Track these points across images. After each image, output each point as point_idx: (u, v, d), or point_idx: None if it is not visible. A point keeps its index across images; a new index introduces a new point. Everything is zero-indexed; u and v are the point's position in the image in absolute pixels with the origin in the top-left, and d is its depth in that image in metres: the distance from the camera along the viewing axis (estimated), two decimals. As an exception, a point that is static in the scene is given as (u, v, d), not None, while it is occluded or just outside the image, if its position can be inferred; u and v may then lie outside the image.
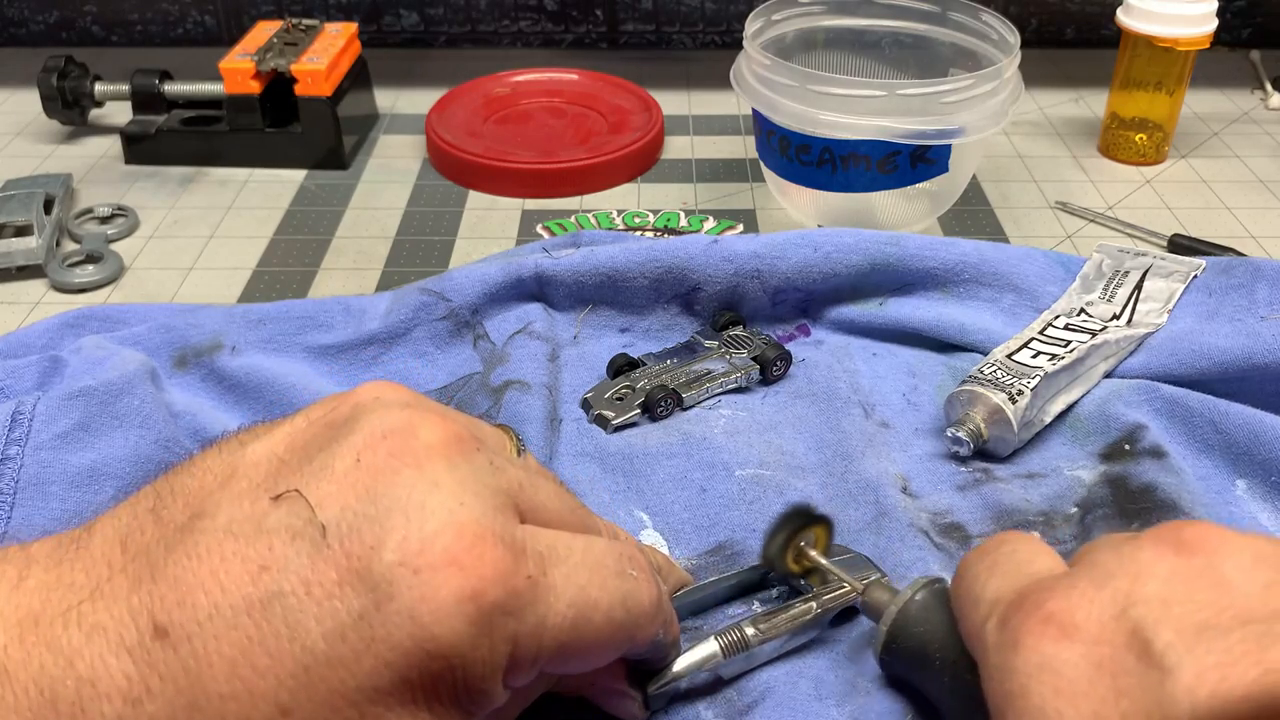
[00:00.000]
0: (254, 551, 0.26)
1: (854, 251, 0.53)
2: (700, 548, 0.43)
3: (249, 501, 0.27)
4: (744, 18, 0.66)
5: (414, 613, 0.25)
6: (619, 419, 0.49)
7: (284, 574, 0.26)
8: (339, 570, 0.26)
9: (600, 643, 0.30)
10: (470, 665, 0.26)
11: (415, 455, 0.28)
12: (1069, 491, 0.45)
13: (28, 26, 0.92)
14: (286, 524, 0.26)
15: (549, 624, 0.28)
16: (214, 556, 0.26)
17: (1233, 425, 0.46)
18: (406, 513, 0.26)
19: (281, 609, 0.25)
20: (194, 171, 0.72)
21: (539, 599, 0.28)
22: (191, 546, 0.26)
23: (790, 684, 0.37)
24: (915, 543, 0.42)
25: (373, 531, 0.26)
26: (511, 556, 0.27)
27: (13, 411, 0.42)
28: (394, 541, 0.26)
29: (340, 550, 0.26)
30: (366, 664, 0.25)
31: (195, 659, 0.25)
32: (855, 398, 0.50)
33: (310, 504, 0.27)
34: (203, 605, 0.25)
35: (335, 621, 0.25)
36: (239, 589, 0.25)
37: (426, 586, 0.26)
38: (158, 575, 0.26)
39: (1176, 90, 0.71)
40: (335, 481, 0.27)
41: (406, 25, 0.92)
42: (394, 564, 0.26)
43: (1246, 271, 0.52)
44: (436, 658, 0.26)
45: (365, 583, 0.25)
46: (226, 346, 0.50)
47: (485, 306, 0.53)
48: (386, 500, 0.27)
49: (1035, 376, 0.47)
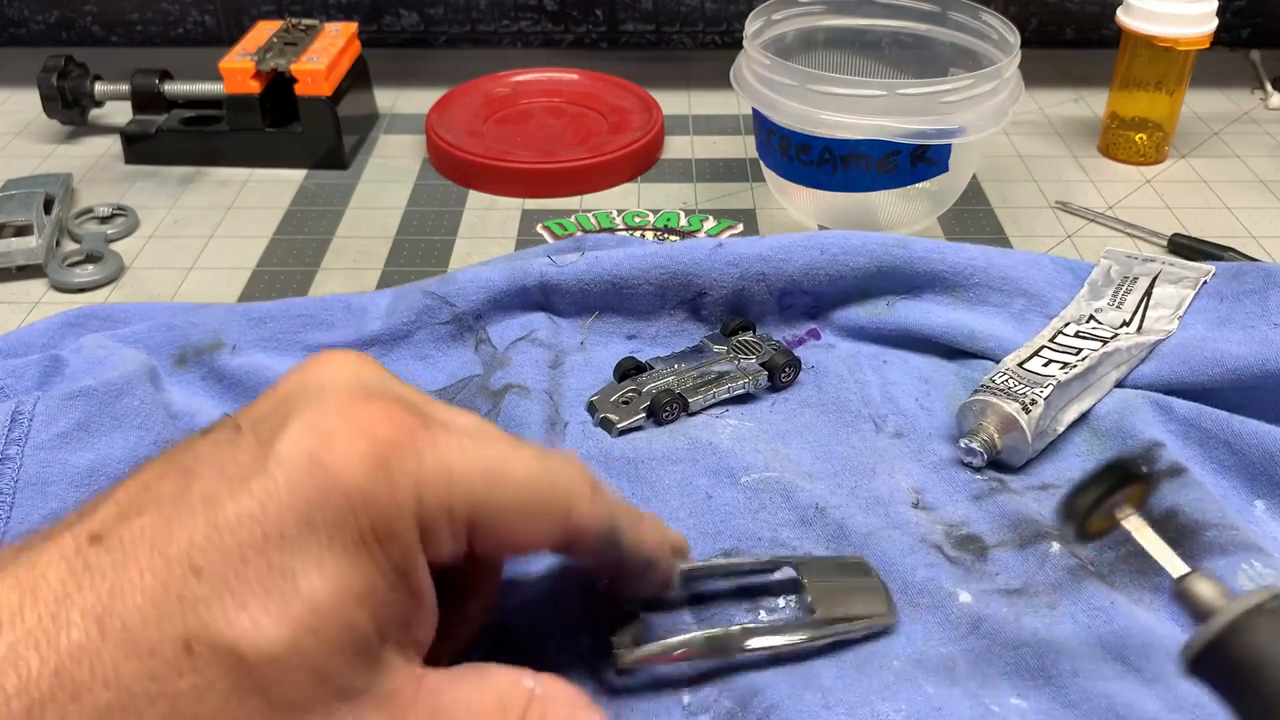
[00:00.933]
0: (179, 463, 0.29)
1: (860, 254, 0.53)
2: (705, 554, 0.42)
3: (187, 441, 0.30)
4: (744, 18, 0.66)
5: (312, 455, 0.27)
6: (624, 423, 0.48)
7: (203, 467, 0.28)
8: (249, 451, 0.28)
9: (525, 505, 0.30)
10: (373, 499, 0.27)
11: (321, 365, 0.31)
12: None
13: (28, 26, 0.92)
14: (211, 439, 0.29)
15: (456, 470, 0.29)
16: (147, 475, 0.29)
17: (1247, 446, 0.45)
18: (307, 398, 0.29)
19: (199, 490, 0.28)
20: (194, 171, 0.72)
21: (440, 444, 0.29)
22: (128, 480, 0.29)
23: (795, 695, 0.36)
24: (927, 559, 0.42)
25: (280, 415, 0.29)
26: (404, 409, 0.29)
27: (13, 411, 0.42)
28: (295, 417, 0.28)
29: (252, 436, 0.29)
30: (272, 512, 0.27)
31: (123, 550, 0.27)
32: (866, 410, 0.49)
33: (235, 421, 0.30)
34: (133, 511, 0.28)
35: (244, 485, 0.27)
36: (167, 493, 0.28)
37: (322, 434, 0.28)
38: (99, 504, 0.28)
39: (1176, 90, 0.71)
40: (255, 405, 0.31)
41: (406, 25, 0.92)
42: (295, 428, 0.28)
43: (1258, 277, 0.52)
44: (335, 491, 0.27)
45: (270, 449, 0.28)
46: (227, 345, 0.50)
47: (489, 312, 0.53)
48: (293, 395, 0.30)
49: (1048, 385, 0.46)
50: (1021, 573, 0.41)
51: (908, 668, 0.38)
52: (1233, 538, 0.40)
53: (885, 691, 0.36)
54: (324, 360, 0.31)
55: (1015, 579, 0.41)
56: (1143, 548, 0.34)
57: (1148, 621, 0.39)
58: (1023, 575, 0.41)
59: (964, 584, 0.41)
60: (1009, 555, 0.42)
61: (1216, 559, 0.40)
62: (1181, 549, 0.41)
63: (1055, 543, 0.42)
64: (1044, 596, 0.40)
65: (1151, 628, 0.39)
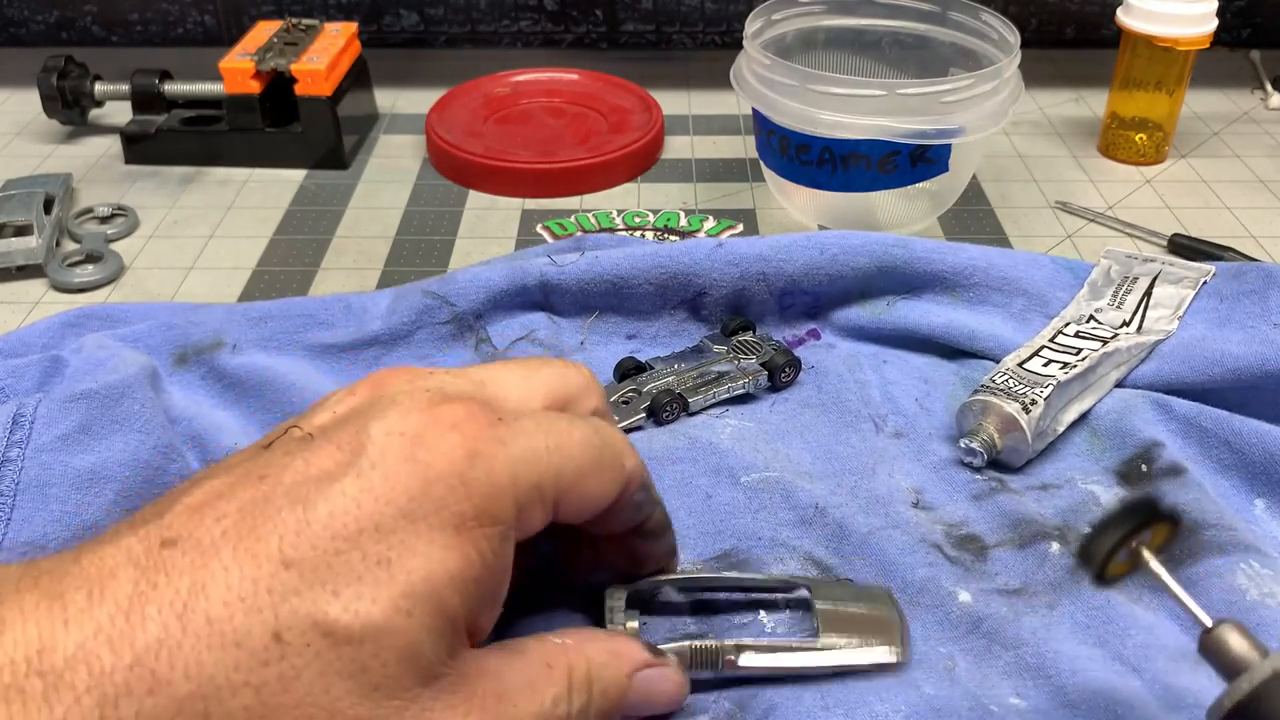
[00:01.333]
0: (251, 470, 0.29)
1: (860, 254, 0.53)
2: (705, 554, 0.42)
3: (245, 454, 0.31)
4: (744, 18, 0.66)
5: (407, 455, 0.29)
6: (624, 423, 0.48)
7: (280, 473, 0.29)
8: (331, 456, 0.29)
9: (593, 466, 0.32)
10: (474, 483, 0.29)
11: (381, 384, 0.32)
12: (1083, 507, 0.44)
13: (28, 26, 0.92)
14: (281, 448, 0.30)
15: (537, 449, 0.31)
16: (215, 485, 0.29)
17: (1248, 445, 0.45)
18: (381, 409, 0.30)
19: (282, 492, 0.28)
20: (194, 171, 0.72)
21: (516, 431, 0.31)
22: (192, 491, 0.29)
23: (794, 696, 0.36)
24: (927, 559, 0.42)
25: (357, 424, 0.30)
26: (479, 406, 0.31)
27: (14, 414, 0.42)
28: (376, 423, 0.30)
29: (329, 443, 0.30)
30: (367, 506, 0.28)
31: (200, 550, 0.27)
32: (866, 410, 0.49)
33: (301, 430, 0.31)
34: (208, 516, 0.28)
35: (333, 483, 0.28)
36: (246, 497, 0.28)
37: (413, 435, 0.29)
38: (165, 513, 0.29)
39: (1176, 90, 0.71)
40: (320, 416, 0.32)
41: (406, 25, 0.92)
42: (381, 434, 0.29)
43: (1259, 277, 0.52)
44: (436, 481, 0.28)
45: (359, 452, 0.29)
46: (227, 344, 0.50)
47: (489, 312, 0.53)
48: (363, 409, 0.31)
49: (1048, 385, 0.46)
50: (1021, 572, 0.41)
51: (906, 667, 0.38)
52: (1231, 538, 0.40)
53: (884, 692, 0.36)
54: (385, 376, 0.33)
55: (1015, 579, 0.41)
56: (1179, 596, 0.32)
57: (1147, 621, 0.39)
58: (1022, 575, 0.41)
59: (963, 583, 0.41)
60: (1008, 555, 0.42)
61: (1215, 558, 0.40)
62: (1179, 549, 0.41)
63: (1055, 543, 0.42)
64: (1043, 596, 0.40)
65: (1151, 628, 0.39)
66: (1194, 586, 0.39)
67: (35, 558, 0.30)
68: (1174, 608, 0.39)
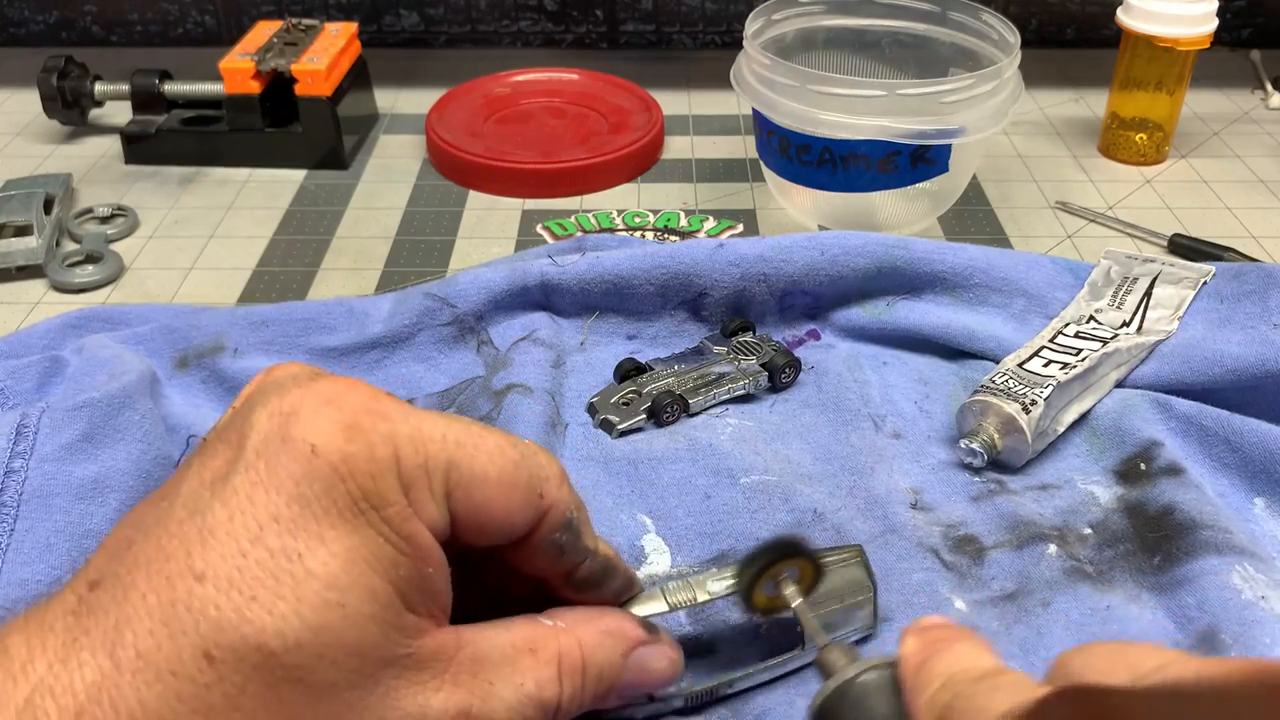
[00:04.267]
0: (161, 493, 0.29)
1: (861, 254, 0.53)
2: (703, 555, 0.43)
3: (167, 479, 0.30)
4: (744, 18, 0.66)
5: (285, 434, 0.27)
6: (624, 424, 0.48)
7: (180, 486, 0.28)
8: (223, 455, 0.28)
9: (500, 477, 0.30)
10: (353, 460, 0.27)
11: (275, 370, 0.31)
12: (1082, 507, 0.45)
13: (28, 26, 0.92)
14: (184, 461, 0.29)
15: (427, 434, 0.29)
16: (131, 516, 0.29)
17: (1248, 444, 0.45)
18: (267, 396, 0.29)
19: (181, 504, 0.27)
20: (194, 171, 0.72)
21: (407, 410, 0.29)
22: (120, 523, 0.29)
23: (788, 702, 0.37)
24: (924, 563, 0.42)
25: (242, 417, 0.29)
26: (364, 384, 0.29)
27: (18, 423, 0.42)
28: (259, 411, 0.28)
29: (220, 442, 0.29)
30: (259, 499, 0.27)
31: (122, 586, 0.26)
32: (865, 410, 0.50)
33: (200, 440, 0.30)
34: (123, 547, 0.27)
35: (225, 483, 0.27)
36: (149, 517, 0.28)
37: (289, 413, 0.28)
38: (93, 559, 0.28)
39: (1176, 90, 0.71)
40: (220, 421, 0.31)
41: (406, 25, 0.92)
42: (262, 419, 0.28)
43: (1258, 278, 0.52)
44: (316, 458, 0.27)
45: (243, 444, 0.28)
46: (228, 348, 0.50)
47: (490, 313, 0.53)
48: (254, 401, 0.29)
49: (1048, 386, 0.46)
50: (1017, 574, 0.42)
51: None
52: (1227, 540, 0.41)
53: None
54: (275, 366, 0.31)
55: (1011, 582, 0.41)
56: (808, 627, 0.34)
57: (1143, 622, 0.39)
58: (1018, 576, 0.41)
59: (959, 591, 0.41)
60: (1005, 557, 0.42)
61: (1211, 557, 0.40)
62: (1176, 545, 0.41)
63: (1052, 544, 0.42)
64: (1039, 595, 0.40)
65: (1146, 629, 0.39)
66: (1190, 583, 0.39)
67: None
68: (1173, 609, 0.39)
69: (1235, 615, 0.38)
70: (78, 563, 0.39)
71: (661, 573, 0.42)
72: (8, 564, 0.38)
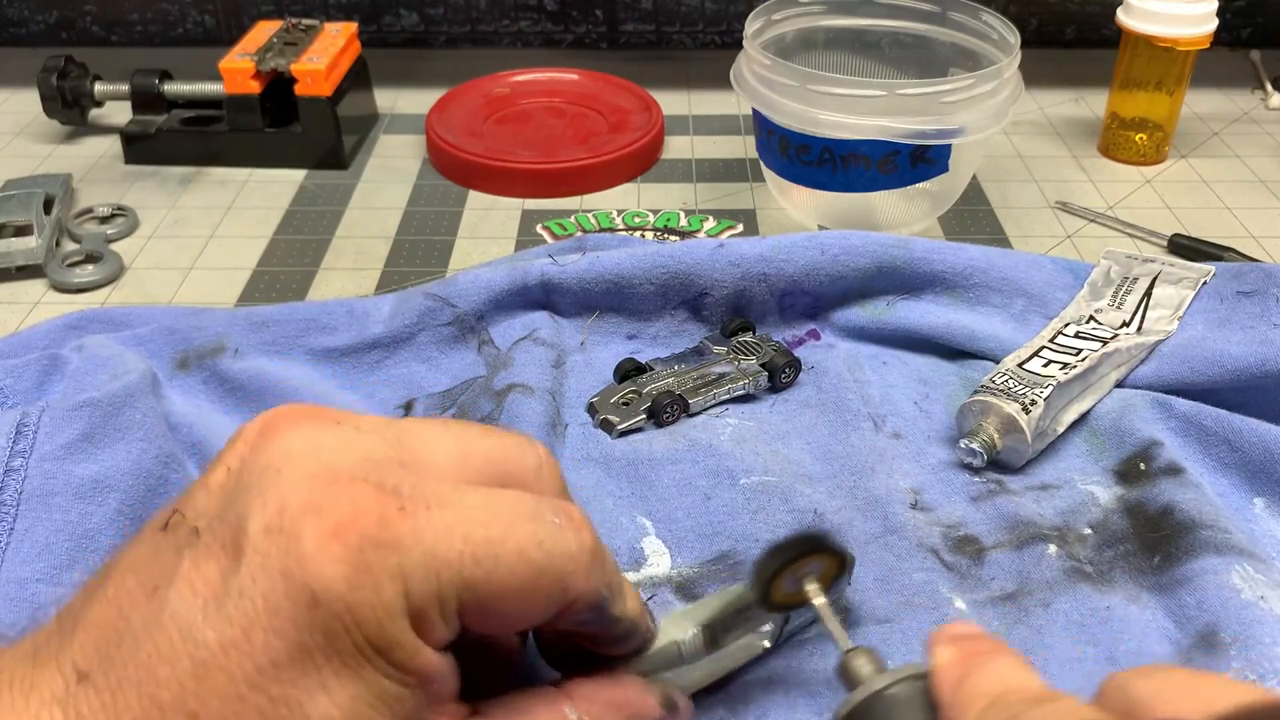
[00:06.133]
0: (147, 577, 0.27)
1: (861, 254, 0.53)
2: (702, 556, 0.42)
3: (149, 537, 0.28)
4: (744, 18, 0.66)
5: (284, 570, 0.25)
6: (624, 424, 0.48)
7: (170, 585, 0.26)
8: (216, 561, 0.26)
9: (520, 588, 0.28)
10: (358, 609, 0.25)
11: (272, 438, 0.28)
12: (1082, 507, 0.45)
13: (28, 26, 0.92)
14: (172, 543, 0.27)
15: (441, 556, 0.26)
16: (119, 594, 0.27)
17: (1248, 443, 0.45)
18: (263, 486, 0.27)
19: (171, 617, 0.25)
20: (194, 171, 0.72)
21: (421, 531, 0.26)
22: (101, 592, 0.27)
23: (789, 703, 0.37)
24: (924, 564, 0.42)
25: (236, 513, 0.26)
26: (376, 491, 0.27)
27: (18, 422, 0.42)
28: (255, 513, 0.26)
29: (214, 542, 0.26)
30: (257, 640, 0.25)
31: (111, 692, 0.25)
32: (865, 410, 0.50)
33: (187, 517, 0.27)
34: (112, 641, 0.26)
35: (219, 609, 0.25)
36: (138, 614, 0.26)
37: (290, 540, 0.25)
38: (78, 626, 0.27)
39: (1176, 90, 0.71)
40: (209, 491, 0.28)
41: (406, 25, 0.92)
42: (259, 532, 0.26)
43: (1258, 278, 0.52)
44: (318, 608, 0.25)
45: (237, 559, 0.26)
46: (229, 349, 0.50)
47: (491, 313, 0.53)
48: (248, 483, 0.27)
49: (1048, 386, 0.46)
50: (1017, 574, 0.42)
51: None
52: (1227, 540, 0.41)
53: None
54: (275, 430, 0.28)
55: (1010, 582, 0.41)
56: (830, 626, 0.33)
57: (1142, 623, 0.39)
58: (1018, 577, 0.41)
59: (959, 591, 0.41)
60: (1005, 557, 0.42)
61: (1211, 557, 0.40)
62: (1176, 545, 0.41)
63: (1052, 544, 0.42)
64: (1039, 595, 0.40)
65: (1145, 630, 0.39)
66: (1190, 583, 0.39)
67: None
68: (1172, 609, 0.39)
69: (1235, 615, 0.38)
70: (77, 562, 0.39)
71: (661, 574, 0.42)
72: (7, 563, 0.38)
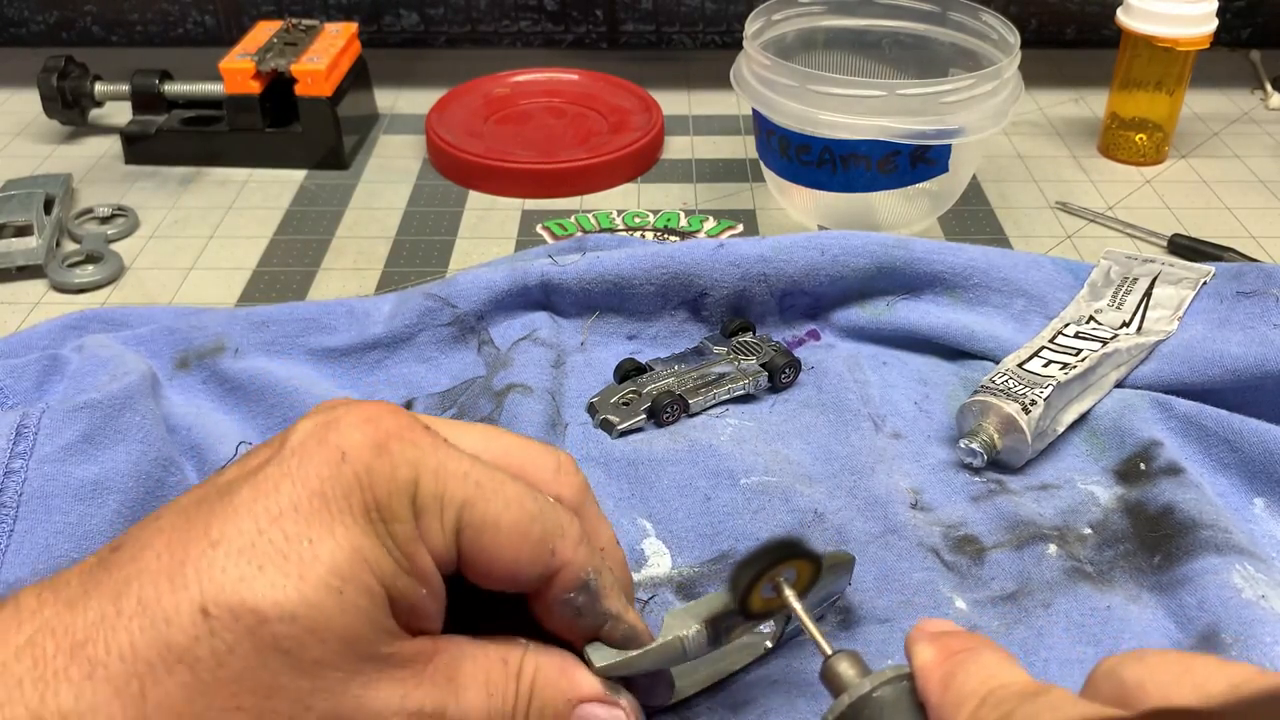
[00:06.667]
0: (203, 483, 0.31)
1: (861, 254, 0.53)
2: (703, 556, 0.43)
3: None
4: (744, 18, 0.66)
5: (321, 438, 0.29)
6: (624, 424, 0.48)
7: (219, 476, 0.30)
8: (263, 453, 0.30)
9: (512, 526, 0.31)
10: (375, 473, 0.29)
11: (337, 399, 0.32)
12: (1082, 507, 0.45)
13: (28, 26, 0.92)
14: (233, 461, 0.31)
15: (450, 471, 0.30)
16: (168, 504, 0.31)
17: (1248, 444, 0.45)
18: (318, 410, 0.31)
19: (217, 485, 0.30)
20: (194, 171, 0.72)
21: (438, 447, 0.31)
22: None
23: (788, 703, 0.37)
24: (924, 563, 0.42)
25: (293, 426, 0.31)
26: (408, 414, 0.31)
27: (18, 424, 0.42)
28: (308, 420, 0.31)
29: (266, 445, 0.31)
30: (285, 488, 0.29)
31: (139, 544, 0.29)
32: (865, 410, 0.50)
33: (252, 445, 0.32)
34: (152, 519, 0.30)
35: (261, 471, 0.29)
36: (186, 501, 0.30)
37: (330, 423, 0.30)
38: (123, 534, 0.30)
39: (1176, 90, 0.71)
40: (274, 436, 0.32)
41: (406, 25, 0.92)
42: (305, 425, 0.30)
43: (1258, 278, 0.52)
44: (344, 464, 0.29)
45: (284, 443, 0.30)
46: (229, 349, 0.50)
47: (490, 313, 0.53)
48: (308, 414, 0.31)
49: (1048, 386, 0.46)
50: (1017, 574, 0.42)
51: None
52: (1227, 540, 0.41)
53: None
54: (338, 398, 0.33)
55: (1011, 582, 0.41)
56: (810, 630, 0.32)
57: (1142, 623, 0.39)
58: (1019, 577, 0.41)
59: (960, 591, 0.41)
60: (1005, 557, 0.42)
61: (1212, 556, 0.40)
62: (1176, 545, 0.41)
63: (1052, 544, 0.43)
64: (1039, 595, 0.40)
65: (1146, 630, 0.39)
66: (1190, 583, 0.40)
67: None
68: (1173, 609, 0.39)
69: (1235, 615, 0.38)
70: (76, 564, 0.39)
71: (662, 575, 0.42)
72: (7, 564, 0.38)
